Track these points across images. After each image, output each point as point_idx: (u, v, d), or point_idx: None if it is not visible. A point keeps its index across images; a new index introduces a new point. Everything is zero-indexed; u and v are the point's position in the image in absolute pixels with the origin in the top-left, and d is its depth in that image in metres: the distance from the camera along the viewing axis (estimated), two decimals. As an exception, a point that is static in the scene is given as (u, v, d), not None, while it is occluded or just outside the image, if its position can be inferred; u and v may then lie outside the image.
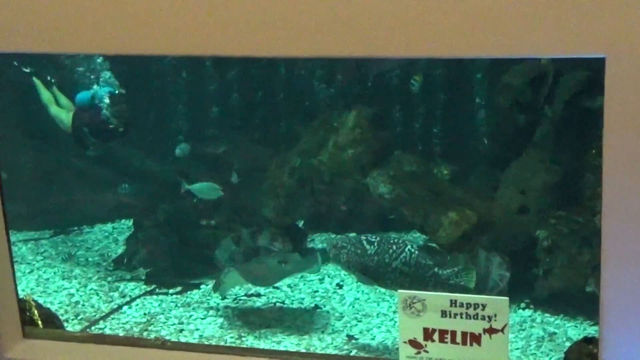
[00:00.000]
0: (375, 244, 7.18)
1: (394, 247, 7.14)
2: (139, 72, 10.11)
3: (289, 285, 8.35)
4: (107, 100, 8.98)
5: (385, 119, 9.59)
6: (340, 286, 8.30)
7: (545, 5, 2.39)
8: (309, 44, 2.61)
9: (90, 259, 9.25)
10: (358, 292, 8.18)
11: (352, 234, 8.40)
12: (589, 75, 7.60)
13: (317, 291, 8.25)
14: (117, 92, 9.17)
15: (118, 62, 9.46)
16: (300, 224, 9.46)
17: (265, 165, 9.45)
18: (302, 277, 8.47)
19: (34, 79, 9.49)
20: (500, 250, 7.76)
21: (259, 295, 8.19)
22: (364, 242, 7.20)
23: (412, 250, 7.08)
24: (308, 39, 2.60)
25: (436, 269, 7.06)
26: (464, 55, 2.55)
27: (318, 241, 9.30)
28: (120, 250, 9.28)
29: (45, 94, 9.46)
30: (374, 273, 7.11)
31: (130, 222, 9.72)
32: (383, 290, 8.09)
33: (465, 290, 6.98)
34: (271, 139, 10.37)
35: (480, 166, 9.08)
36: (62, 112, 9.36)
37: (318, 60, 9.75)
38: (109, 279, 8.67)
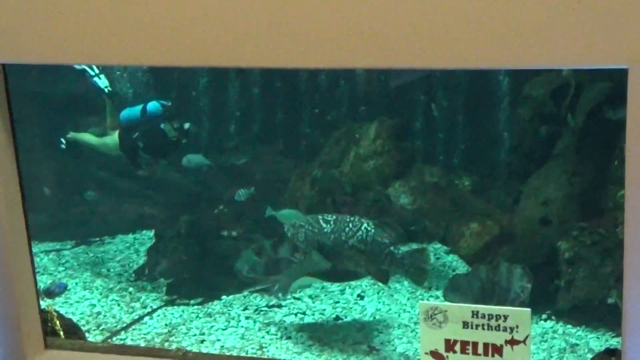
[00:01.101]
0: (332, 222, 7.35)
1: (350, 225, 7.28)
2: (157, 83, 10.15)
3: (309, 296, 8.34)
4: (164, 112, 8.84)
5: (406, 130, 9.59)
6: (361, 297, 8.29)
7: (567, 16, 2.38)
8: (327, 54, 2.60)
9: (111, 270, 9.27)
10: (379, 302, 8.16)
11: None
12: (611, 86, 7.58)
13: (338, 302, 8.23)
14: (169, 103, 9.03)
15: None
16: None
17: (287, 176, 9.47)
18: (323, 287, 8.46)
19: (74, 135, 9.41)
20: (522, 262, 7.75)
21: (280, 306, 8.18)
22: (321, 221, 7.36)
23: (369, 228, 7.20)
24: (325, 49, 2.59)
25: (392, 248, 7.18)
26: (485, 67, 2.54)
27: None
28: (141, 261, 9.28)
29: (87, 137, 9.39)
30: (331, 251, 7.24)
31: (151, 233, 9.73)
32: (404, 301, 8.10)
33: (420, 271, 7.10)
34: (292, 150, 10.39)
35: (501, 177, 9.09)
36: (105, 138, 9.26)
37: (340, 71, 9.76)
38: (130, 289, 8.68)
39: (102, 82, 9.18)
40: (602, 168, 7.68)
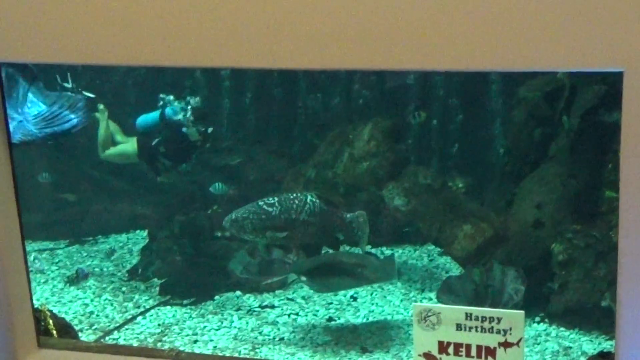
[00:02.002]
0: (277, 204, 7.50)
1: (296, 201, 7.50)
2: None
3: (303, 297, 8.33)
4: (188, 115, 8.72)
5: (400, 131, 9.59)
6: (354, 298, 8.28)
7: (562, 19, 2.39)
8: (324, 56, 2.61)
9: (104, 269, 9.25)
10: (372, 304, 8.16)
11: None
12: (606, 89, 7.58)
13: (331, 303, 8.22)
14: (188, 106, 8.85)
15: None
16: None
17: (281, 176, 9.46)
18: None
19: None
20: (516, 264, 7.77)
21: (273, 306, 8.18)
22: (265, 207, 7.48)
23: (314, 199, 7.45)
24: (322, 51, 2.60)
25: (341, 213, 7.54)
26: (480, 69, 2.55)
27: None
28: (134, 261, 9.27)
29: (104, 134, 9.14)
30: (284, 231, 7.43)
31: (144, 233, 9.72)
32: (397, 302, 8.10)
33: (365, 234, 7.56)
34: (286, 151, 10.38)
35: (495, 180, 9.08)
36: (123, 146, 9.13)
37: (334, 72, 9.76)
38: (124, 289, 8.67)
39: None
40: (596, 171, 7.68)
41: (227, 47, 2.67)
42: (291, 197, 7.61)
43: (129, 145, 9.04)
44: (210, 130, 8.91)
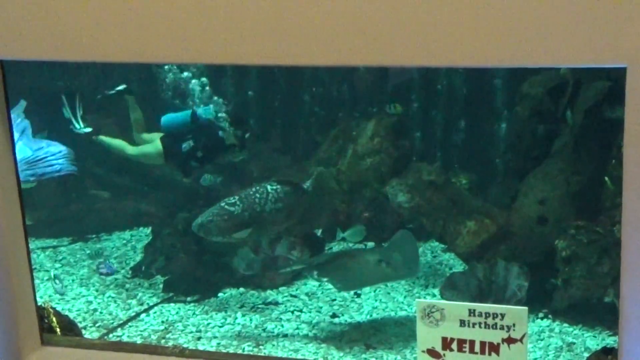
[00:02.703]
0: (238, 202, 7.59)
1: (257, 194, 7.62)
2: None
3: (306, 294, 8.34)
4: (225, 117, 8.56)
5: (404, 128, 9.59)
6: (358, 295, 8.28)
7: (566, 15, 2.38)
8: (326, 52, 2.60)
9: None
10: (376, 300, 8.16)
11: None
12: (609, 84, 7.58)
13: (334, 300, 8.23)
14: (222, 108, 8.68)
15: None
16: (319, 232, 9.42)
17: (285, 173, 9.45)
18: (320, 285, 8.48)
19: (99, 138, 8.97)
20: (519, 260, 7.78)
21: (277, 303, 8.18)
22: (227, 207, 7.58)
23: (274, 186, 7.63)
24: (325, 47, 2.59)
25: (304, 185, 7.86)
26: (484, 65, 2.54)
27: (336, 249, 9.25)
28: (138, 258, 9.28)
29: (116, 142, 8.92)
30: (256, 224, 7.58)
31: (148, 230, 9.73)
32: (401, 299, 8.10)
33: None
34: (290, 148, 10.38)
35: (499, 176, 9.10)
36: (145, 147, 8.79)
37: (338, 68, 9.76)
38: (127, 286, 8.68)
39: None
40: (599, 167, 7.68)
41: (230, 43, 2.66)
42: (251, 191, 7.69)
43: (151, 147, 8.75)
44: (247, 135, 8.78)
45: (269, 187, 7.65)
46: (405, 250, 8.01)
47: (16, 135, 7.42)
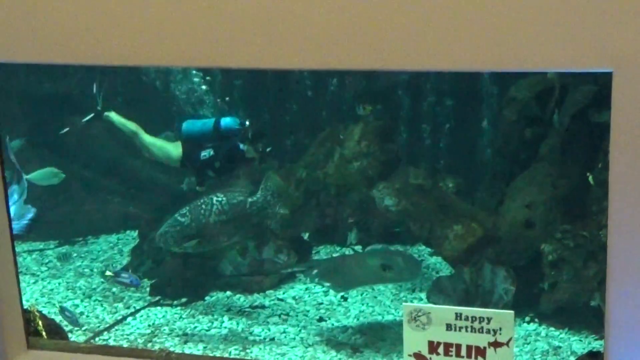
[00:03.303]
0: (188, 213, 7.64)
1: (203, 206, 7.61)
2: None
3: (293, 297, 8.34)
4: (248, 130, 8.40)
5: (391, 131, 9.59)
6: (345, 299, 8.29)
7: (552, 20, 2.40)
8: (317, 56, 2.61)
9: (95, 270, 9.24)
10: (363, 304, 8.16)
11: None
12: (595, 89, 7.60)
13: (321, 303, 8.23)
14: (247, 122, 8.48)
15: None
16: (306, 236, 9.41)
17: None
18: (307, 289, 8.49)
19: (110, 115, 8.65)
20: (506, 264, 7.78)
21: (263, 307, 8.18)
22: (179, 218, 7.64)
23: (220, 198, 7.59)
24: (316, 51, 2.60)
25: (250, 199, 7.68)
26: (471, 69, 2.56)
27: (323, 253, 9.26)
28: (125, 261, 9.26)
29: (130, 124, 8.62)
30: (201, 237, 7.60)
31: (135, 233, 9.71)
32: (387, 303, 8.11)
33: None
34: (277, 151, 10.35)
35: (486, 180, 9.08)
36: (167, 144, 8.63)
37: (326, 72, 9.75)
38: (114, 289, 8.65)
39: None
40: (586, 171, 7.68)
41: (224, 47, 2.67)
42: (199, 202, 7.72)
43: (172, 147, 8.59)
44: (269, 149, 8.70)
45: (214, 198, 7.64)
46: (406, 254, 8.08)
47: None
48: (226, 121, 8.48)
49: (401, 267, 7.76)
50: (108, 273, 8.24)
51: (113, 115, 8.65)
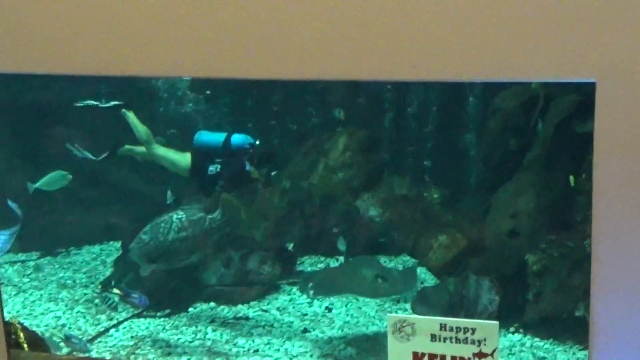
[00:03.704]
0: (149, 231, 7.66)
1: (163, 224, 7.58)
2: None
3: (278, 308, 8.32)
4: (255, 151, 8.28)
5: (376, 142, 9.61)
6: (329, 310, 8.27)
7: (536, 31, 2.41)
8: (304, 66, 2.62)
9: (77, 281, 9.20)
10: (347, 315, 8.15)
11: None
12: (579, 99, 7.62)
13: (306, 314, 8.21)
14: (257, 142, 8.35)
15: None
16: (290, 246, 9.40)
17: (256, 187, 9.42)
18: (291, 300, 8.48)
19: (128, 113, 8.52)
20: (490, 274, 7.76)
21: (247, 318, 8.16)
22: (141, 235, 7.68)
23: (180, 215, 7.55)
24: (303, 61, 2.60)
25: (210, 216, 7.64)
26: (456, 79, 2.57)
27: (307, 264, 9.25)
28: (108, 273, 9.23)
29: (143, 130, 8.51)
30: (161, 256, 7.59)
31: (118, 244, 9.68)
32: (372, 314, 8.10)
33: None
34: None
35: (470, 190, 9.11)
36: (176, 155, 8.49)
37: (309, 83, 9.74)
38: (97, 301, 8.61)
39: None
40: (570, 180, 7.71)
41: (210, 57, 2.67)
42: (159, 220, 7.71)
43: (181, 157, 8.48)
44: (274, 173, 8.65)
45: (174, 216, 7.58)
46: (406, 271, 8.07)
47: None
48: (237, 138, 8.36)
49: (396, 279, 7.74)
50: (116, 291, 8.11)
51: (130, 115, 8.57)
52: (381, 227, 8.58)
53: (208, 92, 10.25)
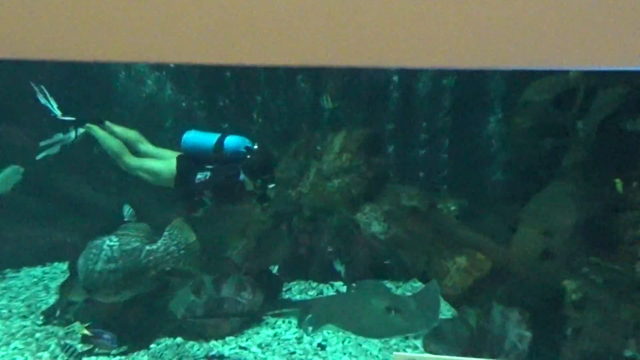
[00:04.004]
0: (82, 255, 7.55)
1: (94, 250, 7.44)
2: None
3: (259, 345, 8.28)
4: (251, 161, 8.12)
5: (380, 142, 9.58)
6: (322, 347, 8.23)
7: (575, 6, 2.37)
8: (313, 52, 2.62)
9: (14, 311, 9.17)
10: (344, 353, 8.11)
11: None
12: (629, 91, 7.61)
13: (293, 352, 8.18)
14: (255, 145, 8.19)
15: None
16: (275, 269, 9.36)
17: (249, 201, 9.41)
18: (275, 335, 8.44)
19: (92, 127, 8.46)
20: (520, 305, 7.69)
21: (222, 357, 8.12)
22: (78, 260, 7.56)
23: (113, 242, 7.41)
24: (312, 47, 2.61)
25: (148, 247, 7.45)
26: (482, 66, 2.51)
27: (296, 291, 9.21)
28: (52, 300, 9.19)
29: (113, 143, 8.42)
30: (89, 287, 7.40)
31: (64, 266, 9.65)
32: (375, 352, 8.07)
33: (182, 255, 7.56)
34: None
35: (495, 200, 9.09)
36: (155, 163, 8.38)
37: (303, 71, 9.77)
38: (38, 335, 8.58)
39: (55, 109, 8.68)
40: (617, 190, 7.69)
41: (205, 42, 2.70)
42: (92, 244, 7.63)
43: (163, 165, 8.40)
44: (271, 186, 8.25)
45: (107, 242, 7.51)
46: (423, 298, 8.00)
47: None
48: (231, 141, 8.24)
49: (413, 311, 7.70)
50: (85, 332, 8.09)
51: (96, 129, 8.49)
52: (386, 247, 8.52)
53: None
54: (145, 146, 8.55)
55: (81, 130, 8.40)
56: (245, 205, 8.66)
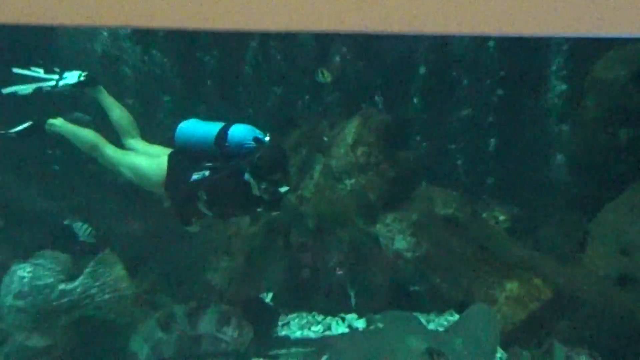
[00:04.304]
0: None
1: (7, 277, 7.52)
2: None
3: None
4: (261, 159, 7.58)
5: (404, 130, 9.33)
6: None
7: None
8: (320, 17, 2.71)
9: None
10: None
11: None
12: None
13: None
14: (267, 137, 7.76)
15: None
16: (268, 297, 9.05)
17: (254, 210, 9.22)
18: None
19: (54, 122, 8.16)
20: (589, 344, 7.42)
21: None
22: None
23: (25, 273, 7.45)
24: (320, 12, 2.69)
25: (62, 286, 7.44)
26: (534, 33, 2.44)
27: (295, 326, 8.90)
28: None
29: (84, 133, 8.12)
30: (2, 320, 7.48)
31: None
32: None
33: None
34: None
35: (556, 209, 8.86)
36: (145, 160, 8.04)
37: (306, 41, 9.69)
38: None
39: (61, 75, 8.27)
40: None
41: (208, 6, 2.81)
42: (10, 270, 7.72)
43: (153, 163, 8.09)
44: (284, 190, 7.90)
45: (19, 271, 7.53)
46: (473, 333, 7.64)
47: None
48: (237, 130, 7.85)
49: (460, 353, 7.40)
50: None
51: (59, 124, 8.18)
52: (413, 267, 8.24)
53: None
54: (136, 141, 8.27)
55: (25, 125, 8.09)
56: (250, 213, 8.24)
